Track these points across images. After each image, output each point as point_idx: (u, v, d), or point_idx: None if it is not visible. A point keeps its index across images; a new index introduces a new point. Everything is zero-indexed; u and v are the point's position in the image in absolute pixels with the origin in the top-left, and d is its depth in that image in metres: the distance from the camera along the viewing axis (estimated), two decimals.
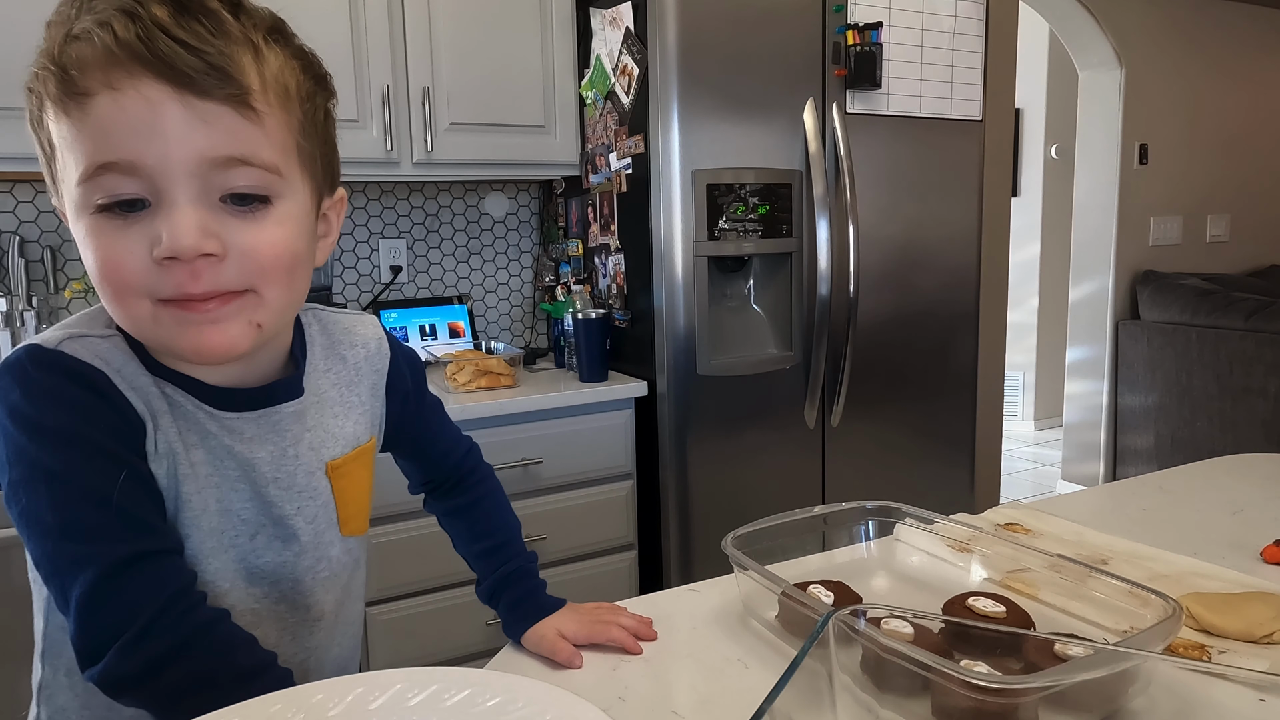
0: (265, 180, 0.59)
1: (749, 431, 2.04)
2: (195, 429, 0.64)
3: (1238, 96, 4.04)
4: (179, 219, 0.55)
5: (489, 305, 2.53)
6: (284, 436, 0.68)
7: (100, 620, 0.57)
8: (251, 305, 0.60)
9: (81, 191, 0.56)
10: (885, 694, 0.61)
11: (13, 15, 1.61)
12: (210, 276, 0.57)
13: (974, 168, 2.29)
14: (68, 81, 0.55)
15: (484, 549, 0.87)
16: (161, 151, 0.55)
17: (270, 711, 0.51)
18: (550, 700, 0.53)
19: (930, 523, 0.92)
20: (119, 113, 0.54)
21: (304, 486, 0.69)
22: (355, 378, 0.76)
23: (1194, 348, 3.48)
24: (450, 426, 0.90)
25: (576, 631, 0.79)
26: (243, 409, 0.66)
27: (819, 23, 2.01)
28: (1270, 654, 0.73)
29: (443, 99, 2.03)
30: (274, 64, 0.59)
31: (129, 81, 0.54)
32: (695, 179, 1.90)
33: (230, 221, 0.58)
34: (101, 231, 0.57)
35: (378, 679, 0.55)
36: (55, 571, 0.58)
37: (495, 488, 0.91)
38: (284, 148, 0.60)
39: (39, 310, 1.92)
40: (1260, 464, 1.34)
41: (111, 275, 0.57)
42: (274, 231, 0.60)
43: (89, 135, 0.55)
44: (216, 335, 0.59)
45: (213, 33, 0.55)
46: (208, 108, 0.55)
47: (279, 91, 0.59)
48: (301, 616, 0.71)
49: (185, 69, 0.54)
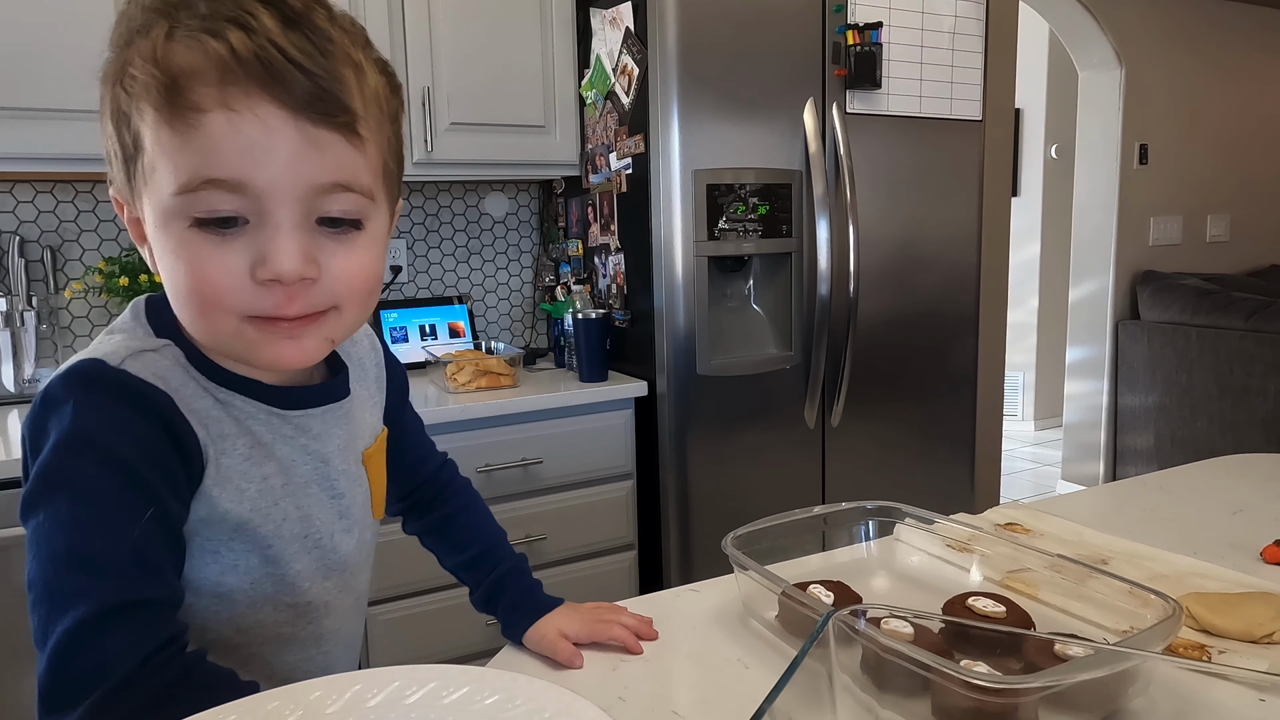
0: (361, 205, 0.59)
1: (749, 431, 2.04)
2: (269, 433, 0.65)
3: (1238, 96, 4.04)
4: (285, 243, 0.56)
5: (489, 305, 2.53)
6: (343, 430, 0.71)
7: (79, 666, 0.54)
8: (331, 322, 0.61)
9: (179, 202, 0.55)
10: (885, 694, 0.61)
11: (13, 15, 1.61)
12: (304, 299, 0.58)
13: (974, 168, 2.29)
14: (177, 93, 0.53)
15: (471, 557, 0.87)
16: (272, 174, 0.54)
17: (268, 709, 0.51)
18: (549, 698, 0.53)
19: (930, 523, 0.92)
20: (234, 133, 0.53)
21: (356, 475, 0.73)
22: (363, 373, 0.78)
23: (1194, 348, 3.48)
24: (426, 439, 0.91)
25: (578, 631, 0.79)
26: (310, 405, 0.68)
27: (819, 23, 2.01)
28: (1270, 654, 0.73)
29: (443, 99, 2.03)
30: (372, 83, 0.59)
31: (246, 102, 0.53)
32: (695, 179, 1.90)
33: (325, 244, 0.58)
34: (197, 245, 0.56)
35: (376, 676, 0.55)
36: (45, 598, 0.55)
37: (474, 497, 0.92)
38: (377, 171, 0.61)
39: (39, 310, 1.92)
40: (1260, 464, 1.34)
41: (204, 289, 0.57)
42: (363, 256, 0.61)
43: (196, 149, 0.54)
44: (295, 350, 0.60)
45: (322, 51, 0.55)
46: (320, 134, 0.55)
47: (376, 114, 0.60)
48: (353, 600, 0.75)
49: (302, 93, 0.54)
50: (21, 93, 1.63)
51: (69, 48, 1.66)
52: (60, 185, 2.00)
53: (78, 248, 2.02)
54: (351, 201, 0.58)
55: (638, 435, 2.04)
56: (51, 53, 1.65)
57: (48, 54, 1.64)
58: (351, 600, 0.75)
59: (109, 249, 2.04)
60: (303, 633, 0.70)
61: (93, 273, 1.98)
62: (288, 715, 0.51)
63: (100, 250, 2.04)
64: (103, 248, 2.04)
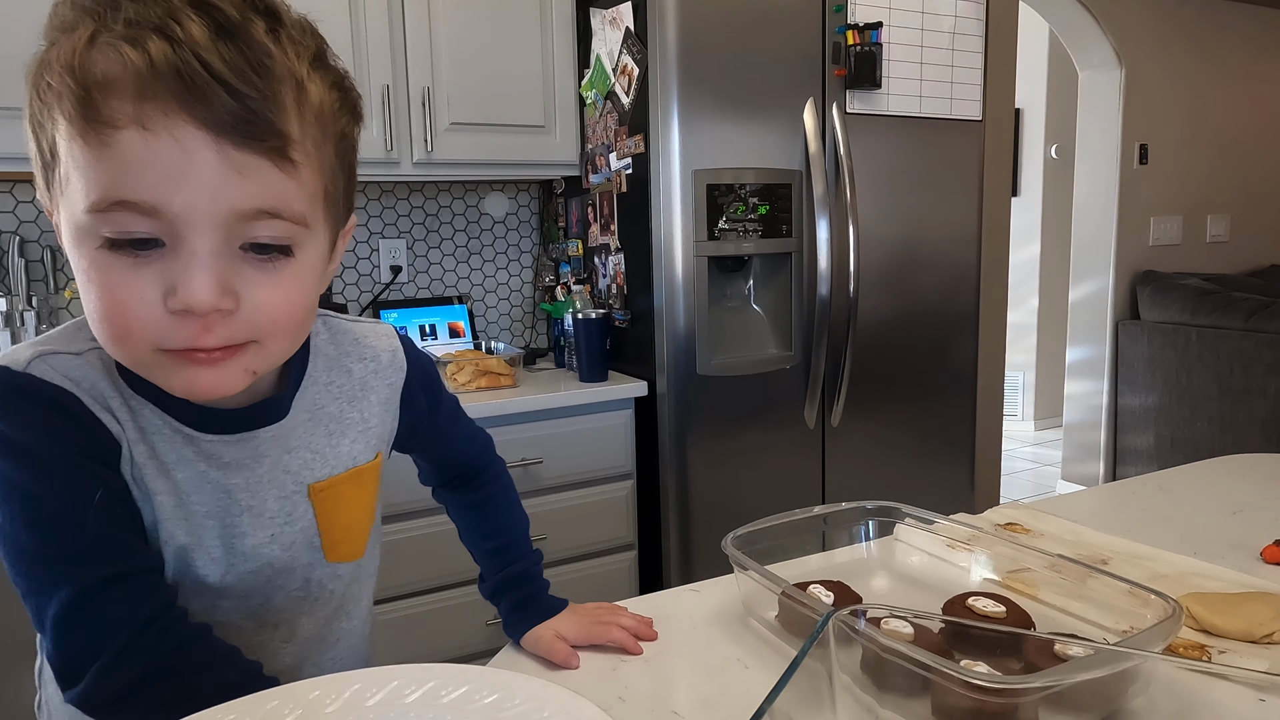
0: (291, 232, 0.55)
1: (749, 431, 2.04)
2: (171, 453, 0.61)
3: (1238, 96, 4.04)
4: (199, 274, 0.52)
5: (489, 305, 2.53)
6: (262, 462, 0.65)
7: (76, 642, 0.56)
8: (252, 354, 0.57)
9: (89, 220, 0.51)
10: (885, 694, 0.61)
11: (13, 15, 1.61)
12: (221, 330, 0.54)
13: (974, 168, 2.29)
14: (89, 105, 0.49)
15: (491, 548, 0.87)
16: (188, 200, 0.50)
17: (266, 708, 0.51)
18: (547, 697, 0.53)
19: (930, 523, 0.92)
20: (147, 154, 0.49)
21: (276, 513, 0.66)
22: (360, 392, 0.72)
23: (1194, 348, 3.48)
24: (464, 427, 0.88)
25: (576, 633, 0.79)
26: (224, 431, 0.63)
27: (819, 23, 2.01)
28: (1270, 654, 0.73)
29: (443, 99, 2.03)
30: (314, 100, 0.55)
31: (163, 121, 0.49)
32: (695, 179, 1.90)
33: (247, 272, 0.54)
34: (108, 269, 0.52)
35: (375, 675, 0.55)
36: (30, 591, 0.57)
37: (506, 485, 0.90)
38: (313, 196, 0.56)
39: (39, 310, 1.92)
40: (1260, 464, 1.34)
41: (115, 319, 0.53)
42: (290, 288, 0.56)
43: (108, 168, 0.50)
44: (212, 379, 0.56)
45: (255, 68, 0.50)
46: (245, 159, 0.51)
47: (315, 135, 0.55)
48: (269, 638, 0.69)
49: (225, 115, 0.49)
50: (22, 93, 1.63)
51: None
52: None
53: None
54: (280, 228, 0.54)
55: (638, 435, 2.04)
56: None
57: None
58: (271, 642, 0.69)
59: None
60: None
61: None
62: (286, 714, 0.51)
63: None
64: None
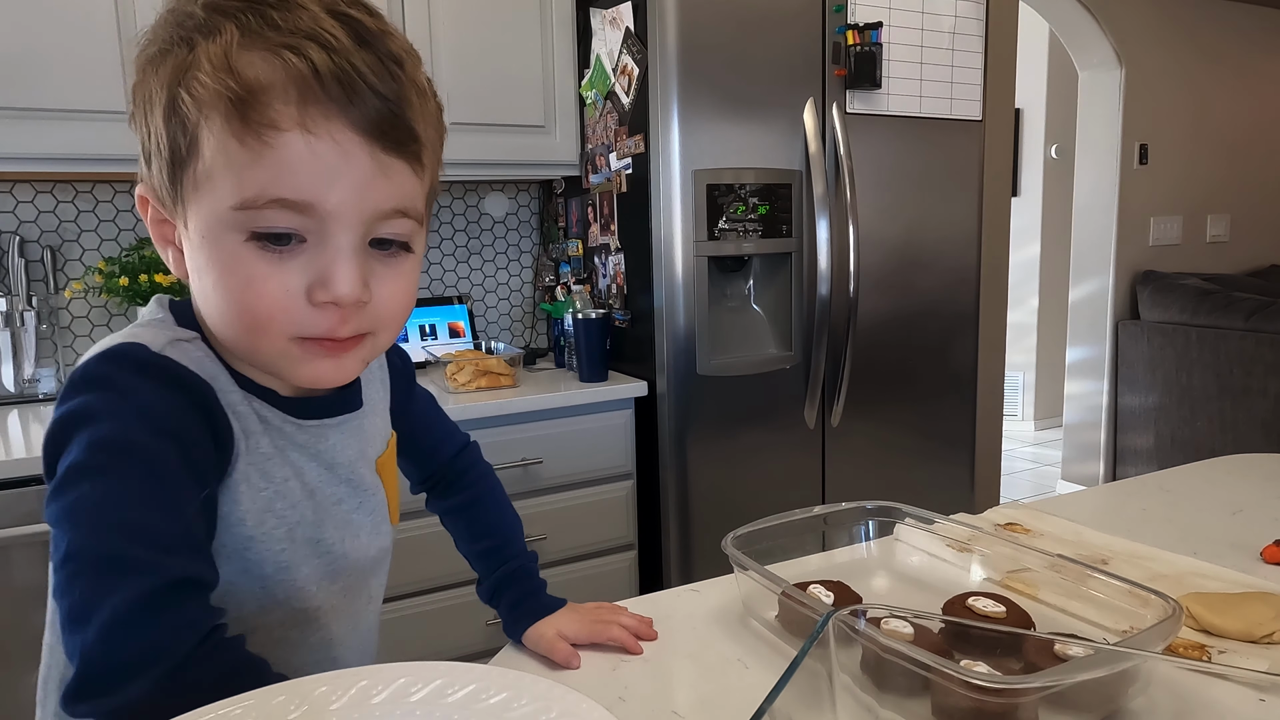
0: (412, 229, 0.59)
1: (749, 431, 2.04)
2: (283, 439, 0.65)
3: (1238, 96, 4.04)
4: (346, 268, 0.55)
5: (489, 305, 2.53)
6: (356, 440, 0.71)
7: (136, 640, 0.50)
8: (369, 346, 0.61)
9: (238, 216, 0.53)
10: (885, 694, 0.61)
11: (16, 17, 1.61)
12: (355, 322, 0.58)
13: (974, 168, 2.29)
14: (252, 107, 0.51)
15: (484, 549, 0.87)
16: (342, 198, 0.54)
17: (274, 703, 0.51)
18: (554, 698, 0.52)
19: (930, 523, 0.92)
20: (309, 155, 0.52)
21: (369, 485, 0.72)
22: (370, 376, 0.77)
23: (1194, 348, 3.48)
24: (443, 421, 0.90)
25: (577, 632, 0.79)
26: (326, 416, 0.68)
27: (819, 23, 2.01)
28: (1270, 654, 0.73)
29: (443, 99, 2.02)
30: (431, 108, 0.59)
31: (325, 125, 0.52)
32: (695, 179, 1.90)
33: (375, 268, 0.58)
34: (252, 261, 0.54)
35: (381, 673, 0.54)
36: (92, 569, 0.51)
37: (493, 486, 0.91)
38: (426, 197, 0.61)
39: (39, 310, 1.92)
40: (1260, 464, 1.34)
41: (258, 308, 0.55)
42: (408, 280, 0.61)
43: (267, 166, 0.52)
44: (335, 370, 0.60)
45: (392, 74, 0.54)
46: (390, 161, 0.55)
47: (434, 140, 0.60)
48: (364, 605, 0.75)
49: (376, 117, 0.53)
50: (21, 93, 1.63)
51: (70, 48, 1.65)
52: (60, 185, 2.00)
53: (78, 248, 2.02)
54: (406, 226, 0.59)
55: (638, 435, 2.04)
56: (52, 53, 1.64)
57: (49, 54, 1.64)
58: (360, 605, 0.74)
59: (109, 249, 2.04)
60: (312, 638, 0.69)
61: (93, 273, 1.98)
62: (292, 710, 0.51)
63: (100, 250, 2.03)
64: (103, 248, 2.04)
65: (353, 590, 0.73)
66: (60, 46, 1.65)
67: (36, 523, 1.44)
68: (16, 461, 1.45)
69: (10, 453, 1.49)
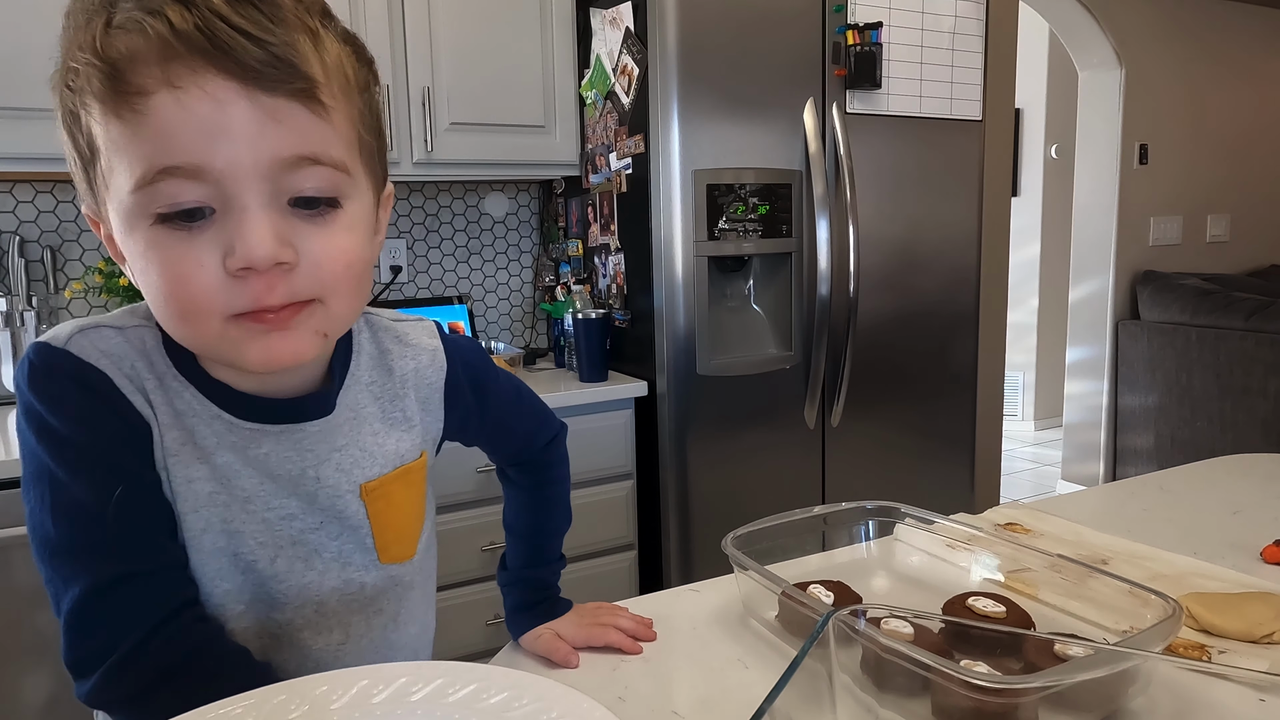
0: (335, 181, 0.55)
1: (749, 431, 2.04)
2: (211, 437, 0.60)
3: (1238, 96, 4.04)
4: (254, 226, 0.51)
5: (489, 305, 2.53)
6: (305, 456, 0.63)
7: (87, 638, 0.56)
8: (319, 315, 0.56)
9: (137, 199, 0.51)
10: (885, 694, 0.61)
11: (13, 17, 1.61)
12: (285, 286, 0.53)
13: (974, 168, 2.29)
14: (118, 78, 0.49)
15: (526, 543, 0.88)
16: (230, 154, 0.50)
17: (275, 702, 0.51)
18: (555, 697, 0.52)
19: (930, 523, 0.92)
20: (182, 112, 0.49)
21: (326, 505, 0.64)
22: (401, 390, 0.70)
23: (1194, 348, 3.48)
24: (527, 417, 0.85)
25: (574, 634, 0.80)
26: (265, 420, 0.62)
27: (819, 23, 2.01)
28: (1270, 654, 0.73)
29: (443, 99, 2.03)
30: (333, 51, 0.55)
31: (191, 78, 0.49)
32: (695, 179, 1.90)
33: (300, 227, 0.54)
34: (164, 244, 0.52)
35: (382, 672, 0.54)
36: (49, 580, 0.57)
37: (560, 481, 0.92)
38: (349, 143, 0.56)
39: (39, 310, 1.92)
40: (1260, 464, 1.34)
41: (180, 293, 0.52)
42: (344, 238, 0.56)
43: (146, 138, 0.50)
44: (285, 344, 0.55)
45: (271, 19, 0.50)
46: (277, 104, 0.51)
47: (341, 82, 0.55)
48: (325, 641, 0.66)
49: (252, 62, 0.49)
50: (22, 93, 1.63)
51: None
52: (60, 185, 2.00)
53: (78, 248, 2.02)
54: (324, 176, 0.54)
55: (638, 435, 2.04)
56: (52, 53, 1.64)
57: (47, 54, 1.64)
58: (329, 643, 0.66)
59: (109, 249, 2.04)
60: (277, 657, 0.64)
61: (93, 273, 1.98)
62: (293, 709, 0.51)
63: (100, 250, 2.03)
64: (103, 248, 2.04)
65: (316, 626, 0.65)
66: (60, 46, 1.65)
67: None
68: (16, 462, 1.45)
69: (10, 453, 1.49)
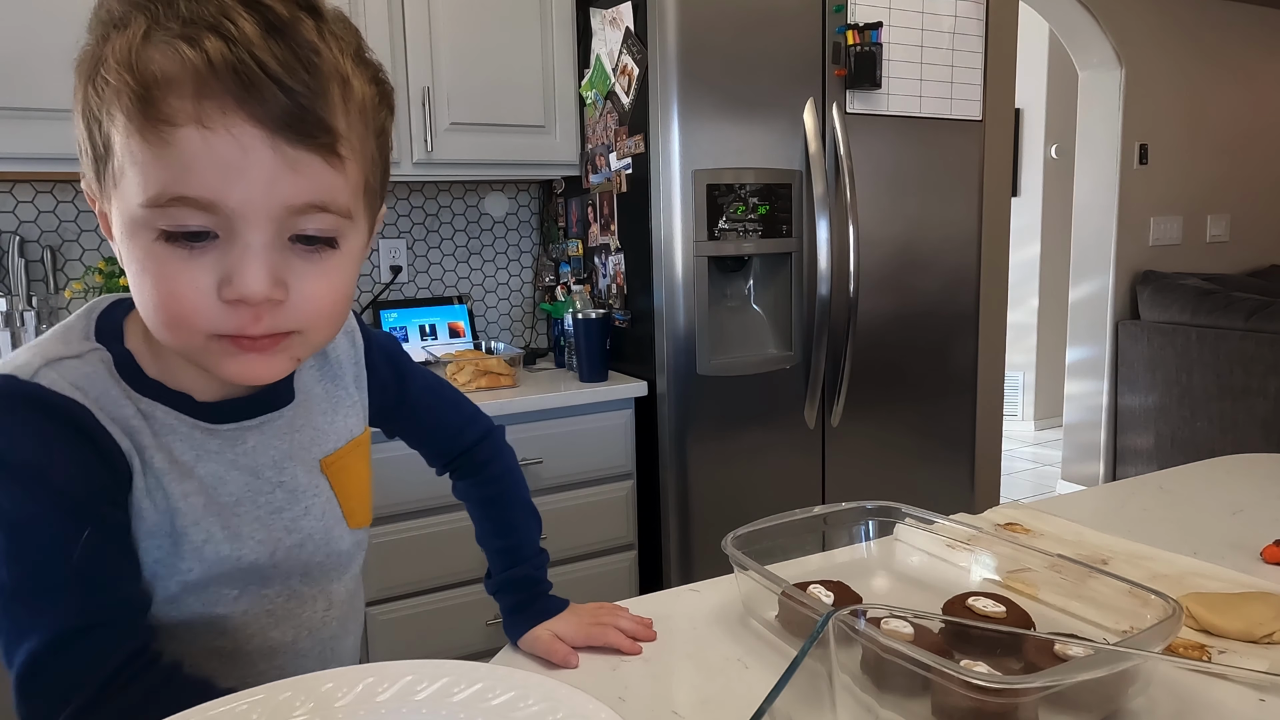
0: (338, 225, 0.57)
1: (749, 431, 2.04)
2: (189, 451, 0.63)
3: (1238, 96, 4.04)
4: (253, 266, 0.54)
5: (489, 305, 2.53)
6: (283, 440, 0.68)
7: (41, 694, 0.55)
8: (297, 343, 0.59)
9: (146, 214, 0.53)
10: (885, 694, 0.61)
11: (14, 18, 1.61)
12: (270, 320, 0.56)
13: (974, 168, 2.29)
14: (149, 102, 0.50)
15: (498, 547, 0.87)
16: (245, 195, 0.52)
17: (279, 699, 0.51)
18: (560, 698, 0.52)
19: (930, 523, 0.92)
20: (206, 151, 0.51)
21: (306, 486, 0.70)
22: (339, 371, 0.75)
23: (1194, 348, 3.48)
24: (461, 407, 0.89)
25: (574, 635, 0.79)
26: (243, 418, 0.65)
27: (819, 23, 2.01)
28: (1270, 654, 0.73)
29: (443, 99, 2.03)
30: (359, 95, 0.57)
31: (221, 119, 0.50)
32: (695, 179, 1.90)
33: (295, 264, 0.56)
34: (164, 260, 0.54)
35: (387, 670, 0.54)
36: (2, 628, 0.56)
37: (515, 481, 0.91)
38: (356, 189, 0.58)
39: (39, 310, 1.92)
40: (1260, 464, 1.34)
41: (172, 306, 0.55)
42: (335, 279, 0.58)
43: (166, 165, 0.51)
44: (262, 367, 0.58)
45: (305, 65, 0.52)
46: (298, 155, 0.53)
47: (360, 130, 0.57)
48: (314, 610, 0.72)
49: (280, 112, 0.51)
50: (21, 93, 1.63)
51: (69, 48, 1.65)
52: (60, 185, 2.00)
53: (78, 248, 2.02)
54: (327, 221, 0.56)
55: (638, 435, 2.04)
56: (52, 53, 1.64)
57: (48, 54, 1.64)
58: (314, 610, 0.72)
59: (109, 249, 2.04)
60: (248, 646, 0.68)
61: (93, 273, 1.98)
62: (299, 706, 0.51)
63: (100, 250, 2.04)
64: (103, 248, 2.04)
65: (301, 596, 0.70)
66: (60, 47, 1.64)
67: None
68: None
69: None
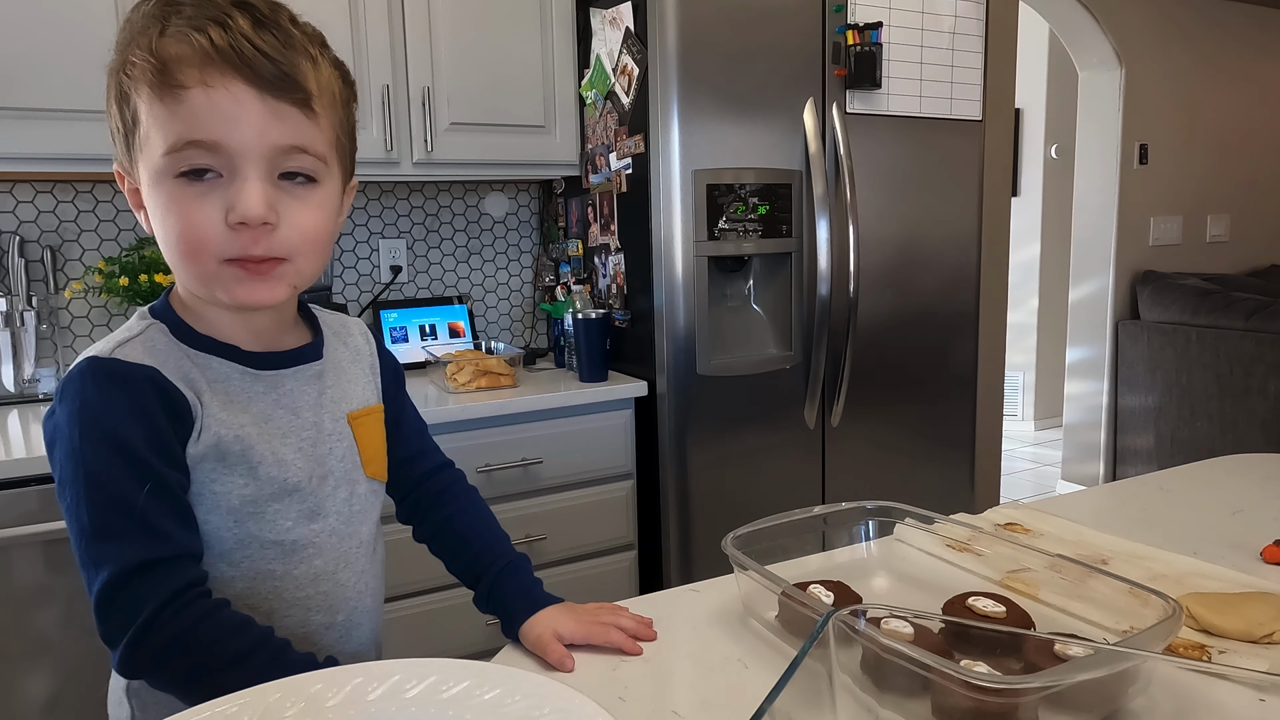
0: (316, 166, 0.72)
1: (749, 431, 2.04)
2: (243, 393, 0.76)
3: (1237, 97, 4.04)
4: (251, 192, 0.68)
5: (489, 305, 2.53)
6: (313, 388, 0.81)
7: (112, 616, 0.67)
8: (290, 272, 0.73)
9: (166, 161, 0.67)
10: (885, 694, 0.61)
11: (15, 19, 1.61)
12: (266, 243, 0.70)
13: (974, 168, 2.29)
14: (167, 74, 0.66)
15: (470, 559, 0.89)
16: (242, 137, 0.67)
17: (269, 701, 0.52)
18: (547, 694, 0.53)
19: (930, 523, 0.92)
20: (210, 104, 0.66)
21: (333, 430, 0.82)
22: (358, 354, 0.89)
23: (1194, 348, 3.48)
24: (422, 434, 0.97)
25: (574, 632, 0.79)
26: (282, 366, 0.79)
27: (819, 23, 2.01)
28: (1270, 654, 0.73)
29: (443, 99, 2.03)
30: (325, 72, 0.73)
31: (221, 81, 0.66)
32: (695, 179, 1.90)
33: (284, 198, 0.71)
34: (181, 198, 0.68)
35: (375, 669, 0.55)
36: (83, 565, 0.69)
37: (475, 504, 0.95)
38: (329, 142, 0.74)
39: (39, 310, 1.92)
40: (1260, 464, 1.34)
41: (189, 234, 0.69)
42: (316, 212, 0.73)
43: (181, 118, 0.67)
44: (264, 290, 0.72)
45: (283, 44, 0.68)
46: (281, 107, 0.69)
47: (329, 96, 0.73)
48: (354, 548, 0.83)
49: (266, 75, 0.67)
50: (21, 93, 1.63)
51: (69, 48, 1.65)
52: (60, 185, 2.00)
53: (78, 248, 2.02)
54: (307, 161, 0.71)
55: (638, 435, 2.04)
56: (51, 53, 1.64)
57: (48, 54, 1.64)
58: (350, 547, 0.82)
59: (109, 249, 2.04)
60: (296, 570, 0.78)
61: (93, 273, 1.98)
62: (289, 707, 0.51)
63: (100, 250, 2.03)
64: (103, 248, 2.04)
65: (340, 534, 0.82)
66: (60, 47, 1.65)
67: (36, 522, 1.44)
68: (16, 461, 1.45)
69: (10, 453, 1.49)
